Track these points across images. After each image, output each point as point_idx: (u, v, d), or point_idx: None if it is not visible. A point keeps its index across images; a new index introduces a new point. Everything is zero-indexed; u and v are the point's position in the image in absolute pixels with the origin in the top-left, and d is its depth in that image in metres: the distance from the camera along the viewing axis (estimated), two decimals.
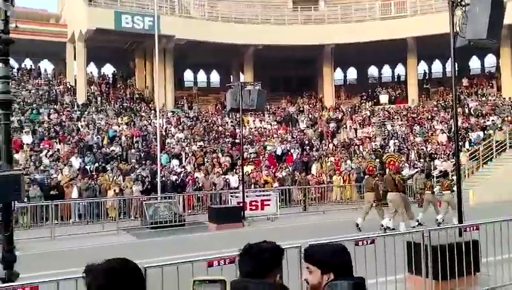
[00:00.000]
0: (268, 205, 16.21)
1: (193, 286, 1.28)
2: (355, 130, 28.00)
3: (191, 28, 27.62)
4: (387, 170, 16.50)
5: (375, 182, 13.77)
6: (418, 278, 6.22)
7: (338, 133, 28.00)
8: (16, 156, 17.33)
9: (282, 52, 30.37)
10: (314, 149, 24.92)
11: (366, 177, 16.70)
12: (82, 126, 23.47)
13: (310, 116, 30.39)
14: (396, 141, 25.79)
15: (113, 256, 1.63)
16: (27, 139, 20.61)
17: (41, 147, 20.38)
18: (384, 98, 32.76)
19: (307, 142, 25.76)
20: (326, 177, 21.35)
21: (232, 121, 27.67)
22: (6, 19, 5.52)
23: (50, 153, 19.85)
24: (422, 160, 22.87)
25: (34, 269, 7.28)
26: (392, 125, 28.24)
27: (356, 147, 25.51)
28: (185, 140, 23.87)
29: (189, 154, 21.92)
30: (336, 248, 2.04)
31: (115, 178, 18.41)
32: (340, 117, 30.09)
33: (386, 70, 38.77)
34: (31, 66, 32.29)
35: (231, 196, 16.78)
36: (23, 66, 31.80)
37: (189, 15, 29.57)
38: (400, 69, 37.34)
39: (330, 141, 26.51)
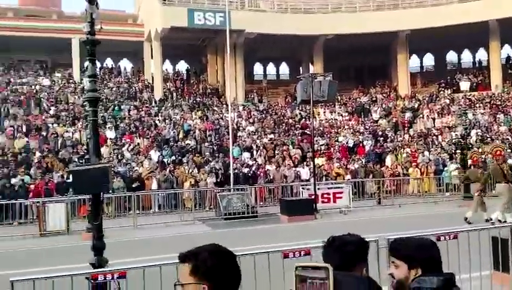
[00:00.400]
0: (341, 197, 15.95)
1: (296, 271, 1.31)
2: (433, 119, 26.67)
3: (261, 22, 27.79)
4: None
5: (482, 172, 13.62)
6: (505, 276, 5.84)
7: (414, 123, 26.84)
8: (101, 150, 18.56)
9: (353, 40, 29.62)
10: (388, 140, 24.12)
11: (470, 168, 16.33)
12: (159, 121, 24.59)
13: (384, 106, 29.41)
14: (478, 130, 24.23)
15: (193, 245, 1.71)
16: (110, 134, 21.98)
17: (123, 141, 21.66)
18: (465, 85, 30.83)
19: (380, 133, 24.99)
20: (401, 169, 20.61)
21: (301, 113, 27.55)
22: (92, 21, 5.90)
23: (131, 147, 21.03)
24: (509, 150, 21.30)
25: (120, 256, 7.76)
26: (473, 114, 26.55)
27: (434, 137, 24.32)
28: (256, 133, 24.16)
29: (260, 147, 22.16)
30: (424, 242, 1.97)
31: (190, 170, 19.11)
32: (416, 106, 28.82)
33: (466, 56, 36.50)
34: (111, 65, 34.37)
35: (302, 188, 16.72)
36: (104, 65, 33.91)
37: (259, 8, 29.75)
38: (481, 54, 34.97)
39: (406, 131, 25.50)
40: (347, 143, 23.58)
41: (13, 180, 16.52)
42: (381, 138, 24.19)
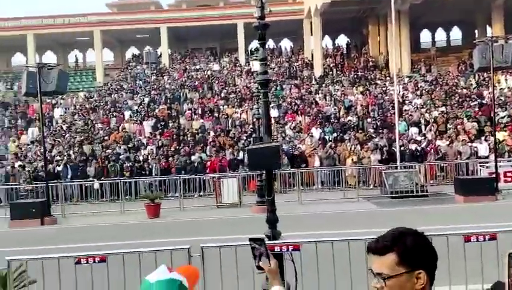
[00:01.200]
0: None
1: (509, 257, 1.08)
2: None
3: None
4: None
5: None
6: None
7: None
8: None
9: None
10: None
11: None
12: (320, 98, 24.66)
13: None
14: None
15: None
16: (274, 113, 22.87)
17: (285, 120, 22.38)
18: None
19: None
20: None
21: (478, 82, 24.58)
22: (262, 6, 6.03)
23: (293, 125, 21.61)
24: None
25: (289, 229, 8.02)
26: None
27: None
28: (424, 106, 22.46)
29: (430, 121, 20.55)
30: None
31: (352, 147, 18.79)
32: None
33: None
34: (273, 45, 35.58)
35: (481, 165, 15.43)
36: (266, 46, 35.29)
37: None
38: None
39: None
40: None
41: (193, 158, 18.55)
42: None
